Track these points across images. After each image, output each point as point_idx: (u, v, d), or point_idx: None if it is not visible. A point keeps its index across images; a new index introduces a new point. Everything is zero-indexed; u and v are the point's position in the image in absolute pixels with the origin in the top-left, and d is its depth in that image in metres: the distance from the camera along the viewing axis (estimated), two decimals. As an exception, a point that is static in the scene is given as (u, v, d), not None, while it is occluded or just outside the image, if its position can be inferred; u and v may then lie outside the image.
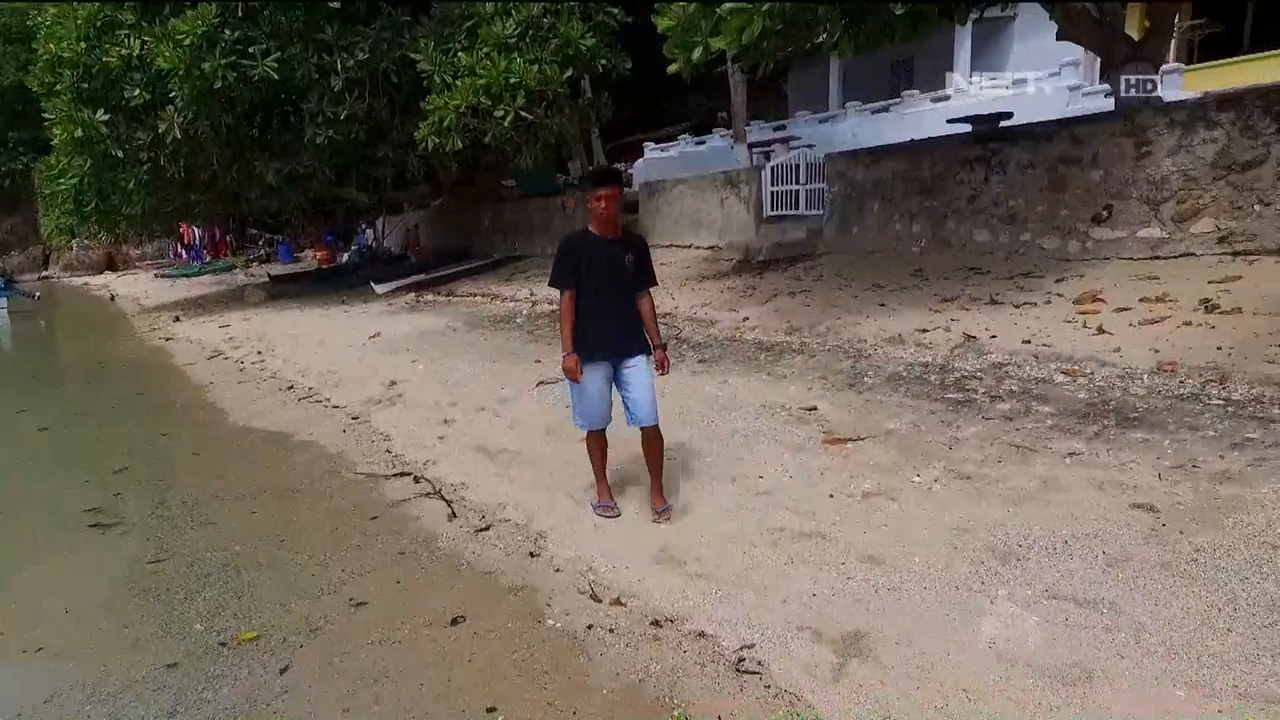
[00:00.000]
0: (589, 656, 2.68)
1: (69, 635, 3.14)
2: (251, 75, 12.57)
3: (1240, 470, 3.52)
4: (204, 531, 4.11)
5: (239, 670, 2.77)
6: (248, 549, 3.82)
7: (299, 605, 3.21)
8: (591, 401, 3.61)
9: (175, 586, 3.47)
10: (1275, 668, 2.25)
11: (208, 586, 3.45)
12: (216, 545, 3.89)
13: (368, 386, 7.20)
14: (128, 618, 3.23)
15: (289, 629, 3.02)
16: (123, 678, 2.77)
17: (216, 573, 3.58)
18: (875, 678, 2.40)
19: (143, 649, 2.97)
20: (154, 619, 3.20)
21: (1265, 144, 6.94)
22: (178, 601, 3.33)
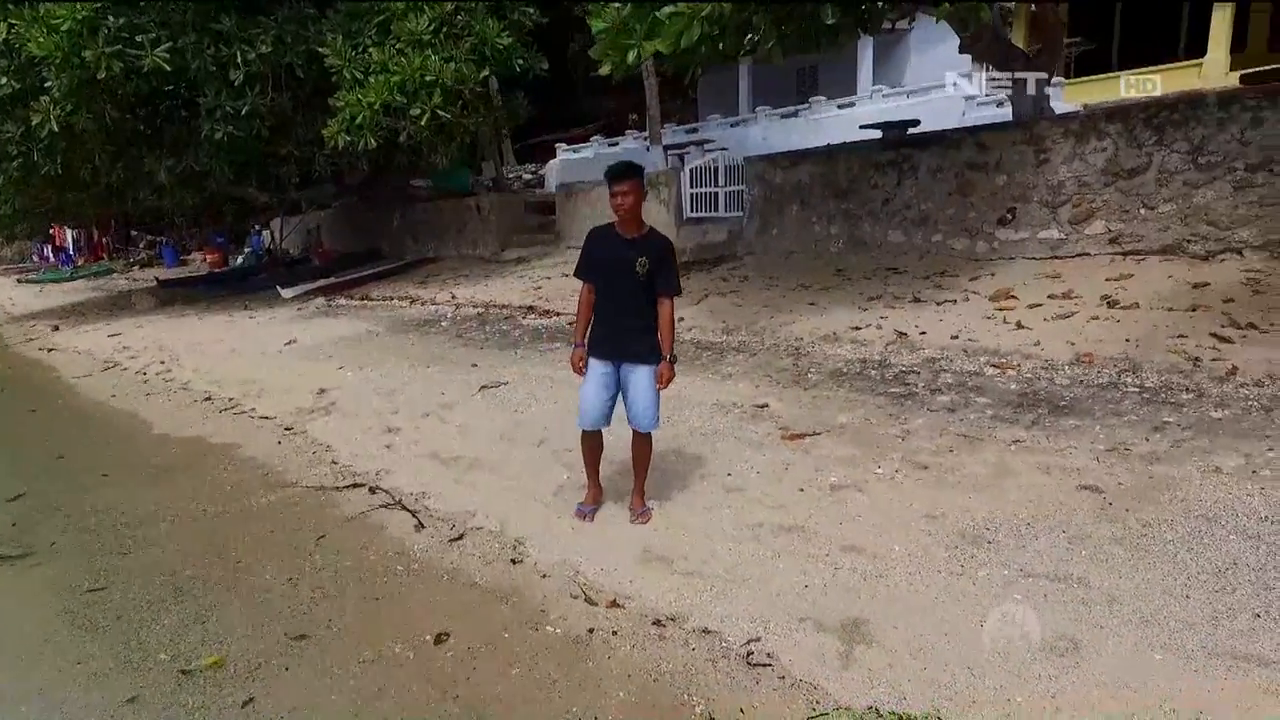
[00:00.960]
0: (596, 661, 2.67)
1: (20, 676, 2.85)
2: (140, 66, 11.71)
3: (1166, 451, 3.86)
4: (146, 554, 3.82)
5: (213, 701, 2.60)
6: (201, 571, 3.58)
7: (270, 628, 3.04)
8: (586, 400, 3.56)
9: (127, 614, 3.21)
10: (1234, 627, 2.49)
11: (163, 612, 3.21)
12: (164, 568, 3.62)
13: (295, 396, 6.85)
14: (78, 652, 2.96)
15: (259, 654, 2.85)
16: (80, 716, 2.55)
17: (170, 598, 3.34)
18: (882, 661, 2.51)
19: (103, 683, 2.74)
20: (109, 651, 2.95)
21: (1148, 153, 7.61)
22: (132, 630, 3.09)
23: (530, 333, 8.77)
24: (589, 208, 15.05)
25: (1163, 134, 7.49)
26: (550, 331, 8.72)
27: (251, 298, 15.77)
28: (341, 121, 12.13)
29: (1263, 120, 6.91)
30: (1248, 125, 6.99)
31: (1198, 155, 7.28)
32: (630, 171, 3.41)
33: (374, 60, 12.06)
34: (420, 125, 11.91)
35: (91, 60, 11.28)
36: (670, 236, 3.73)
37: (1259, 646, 2.39)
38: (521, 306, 10.42)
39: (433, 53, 12.03)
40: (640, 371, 3.50)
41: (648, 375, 3.50)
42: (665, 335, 3.53)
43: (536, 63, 13.80)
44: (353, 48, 12.47)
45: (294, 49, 12.80)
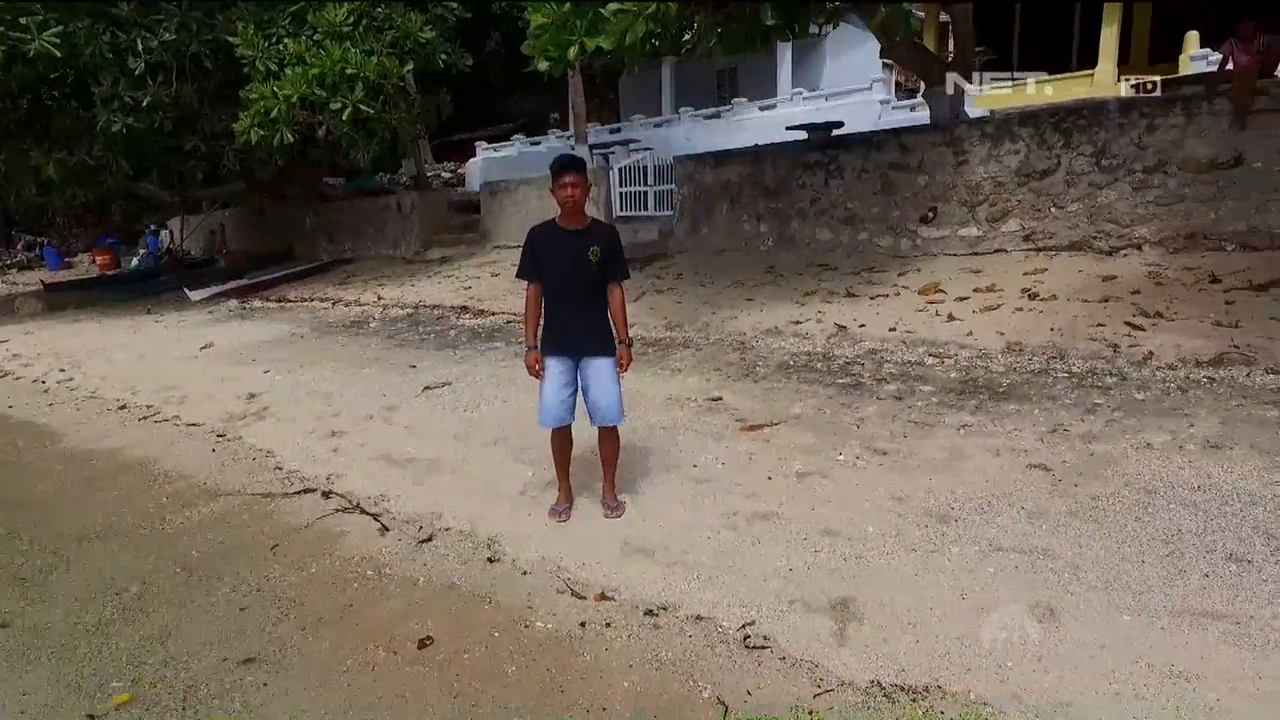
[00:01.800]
0: (594, 653, 2.65)
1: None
2: (26, 50, 10.84)
3: (1100, 431, 4.13)
4: (79, 574, 3.54)
5: (194, 721, 2.44)
6: (150, 588, 3.34)
7: (238, 644, 2.87)
8: (548, 399, 3.50)
9: (76, 641, 2.97)
10: (1187, 587, 2.69)
11: (115, 637, 2.98)
12: (107, 588, 3.36)
13: (221, 401, 6.49)
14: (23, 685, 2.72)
15: (232, 675, 2.69)
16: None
17: (119, 619, 3.10)
18: (876, 637, 2.59)
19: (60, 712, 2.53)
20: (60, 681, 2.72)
21: (1056, 156, 8.12)
22: (83, 659, 2.86)
23: (467, 333, 8.60)
24: (515, 207, 14.87)
25: (1070, 138, 8.01)
26: (488, 331, 8.57)
27: (154, 301, 14.84)
28: (254, 115, 11.54)
29: (1157, 126, 7.48)
30: (1144, 131, 7.56)
31: (1101, 158, 7.83)
32: (576, 163, 3.41)
33: (289, 52, 11.55)
34: (341, 120, 11.48)
35: (-31, 43, 10.39)
36: (603, 234, 3.68)
37: (1212, 602, 2.59)
38: (454, 307, 10.20)
39: (352, 45, 11.62)
40: (600, 364, 3.48)
41: (609, 367, 3.49)
42: (620, 320, 3.55)
43: (461, 59, 13.54)
44: (265, 38, 11.90)
45: (200, 37, 12.13)
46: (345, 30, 11.65)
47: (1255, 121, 6.91)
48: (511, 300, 10.05)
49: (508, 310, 9.36)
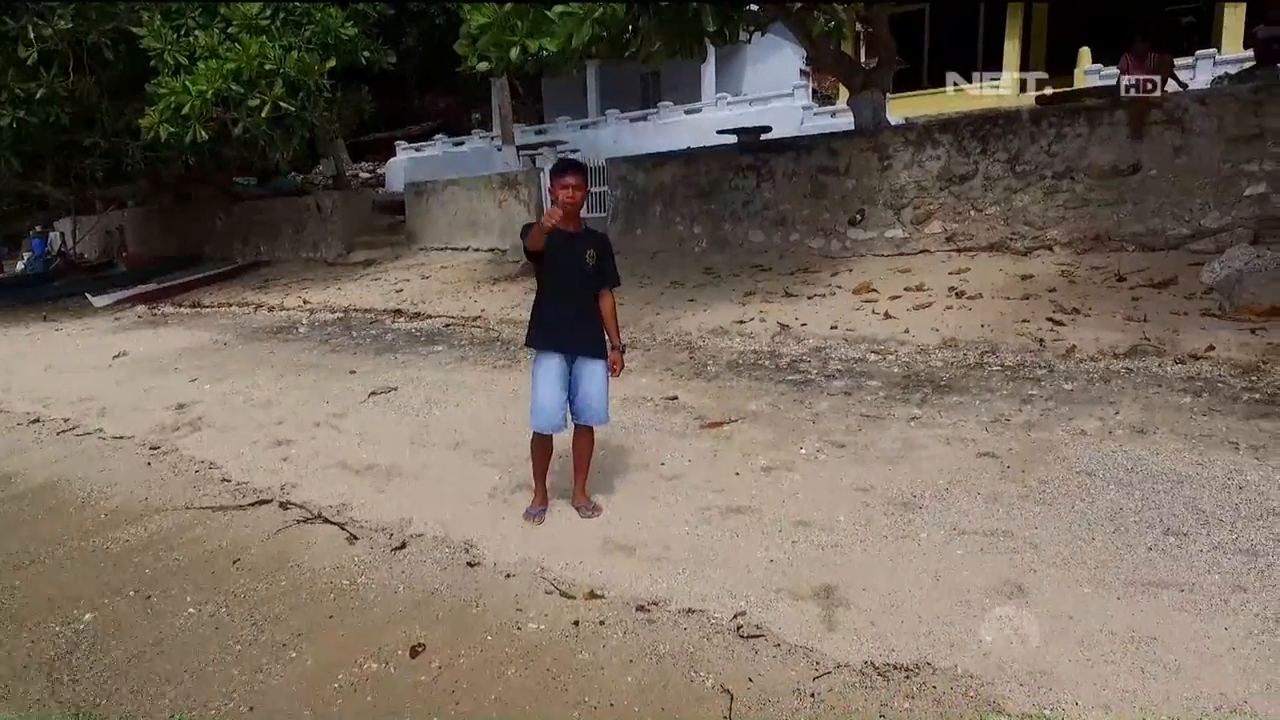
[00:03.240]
0: (592, 651, 2.67)
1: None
2: (-102, 36, 9.99)
3: (1037, 420, 4.43)
4: (22, 605, 3.30)
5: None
6: (106, 614, 3.15)
7: (213, 669, 2.75)
8: (545, 402, 3.45)
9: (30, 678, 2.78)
10: (1136, 560, 2.93)
11: (76, 669, 2.81)
12: (58, 617, 3.15)
13: (148, 413, 6.15)
14: None
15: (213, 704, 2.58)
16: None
17: (76, 650, 2.92)
18: (864, 620, 2.71)
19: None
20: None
21: (974, 161, 8.59)
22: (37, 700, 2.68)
23: (405, 336, 8.41)
24: (442, 208, 14.61)
25: (986, 145, 8.48)
26: (426, 334, 8.40)
27: (50, 308, 13.87)
28: (163, 111, 10.97)
29: (1064, 135, 8.02)
30: (1053, 139, 8.09)
31: (1015, 164, 8.32)
32: (578, 166, 3.43)
33: (200, 45, 11.02)
34: (259, 118, 11.03)
35: None
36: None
37: (1159, 573, 2.83)
38: (387, 310, 9.95)
39: (269, 40, 11.18)
40: (594, 365, 3.51)
41: (602, 369, 3.53)
42: (612, 326, 3.58)
43: (383, 56, 13.22)
44: (173, 30, 11.32)
45: (99, 26, 11.41)
46: (262, 24, 11.20)
47: (1150, 132, 7.50)
48: (448, 302, 9.90)
49: (446, 313, 9.21)
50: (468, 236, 13.92)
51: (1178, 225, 7.43)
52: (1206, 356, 5.09)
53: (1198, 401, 4.44)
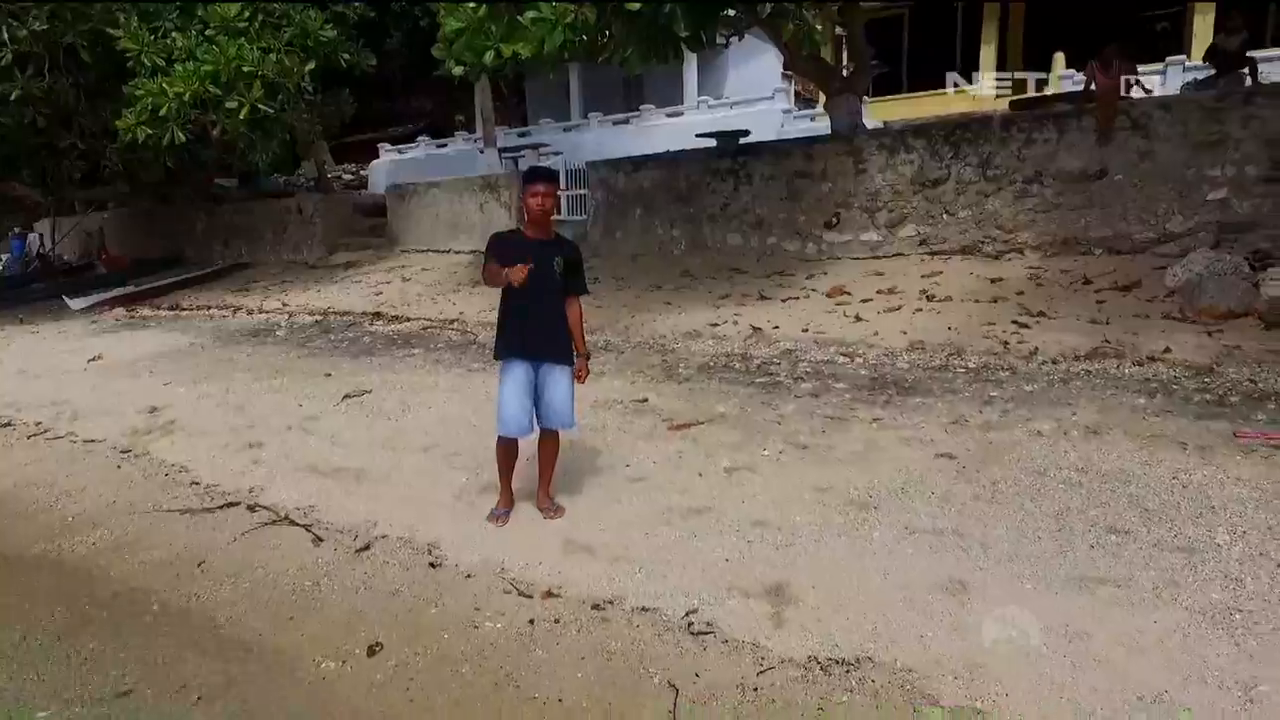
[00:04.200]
0: (546, 649, 2.73)
1: None
2: None
3: (997, 421, 4.52)
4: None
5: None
6: (73, 613, 3.18)
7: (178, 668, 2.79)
8: (510, 408, 3.50)
9: None
10: (1077, 557, 3.02)
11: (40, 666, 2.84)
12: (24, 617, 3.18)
13: (121, 416, 6.14)
14: None
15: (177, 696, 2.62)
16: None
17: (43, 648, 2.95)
18: (810, 618, 2.78)
19: None
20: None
21: (946, 166, 8.70)
22: None
23: (383, 340, 8.43)
24: (424, 210, 14.61)
25: (958, 150, 8.60)
26: (404, 338, 8.43)
27: (26, 310, 13.74)
28: (140, 112, 10.94)
29: (1034, 140, 8.14)
30: (1023, 144, 8.21)
31: (986, 168, 8.44)
32: (549, 174, 3.49)
33: (178, 47, 10.99)
34: (237, 120, 11.00)
35: None
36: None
37: (1098, 570, 2.92)
38: (366, 313, 9.95)
39: (247, 42, 11.15)
40: (559, 371, 3.57)
41: (567, 375, 3.59)
42: (578, 333, 3.64)
43: (364, 59, 13.21)
44: (150, 31, 11.27)
45: (75, 27, 11.34)
46: (240, 26, 11.17)
47: (1116, 138, 7.64)
48: (426, 306, 9.91)
49: (423, 316, 9.23)
50: (449, 239, 13.93)
51: (1143, 229, 7.57)
52: (1163, 359, 5.21)
53: (1151, 403, 4.54)
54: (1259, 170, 6.98)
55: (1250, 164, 7.02)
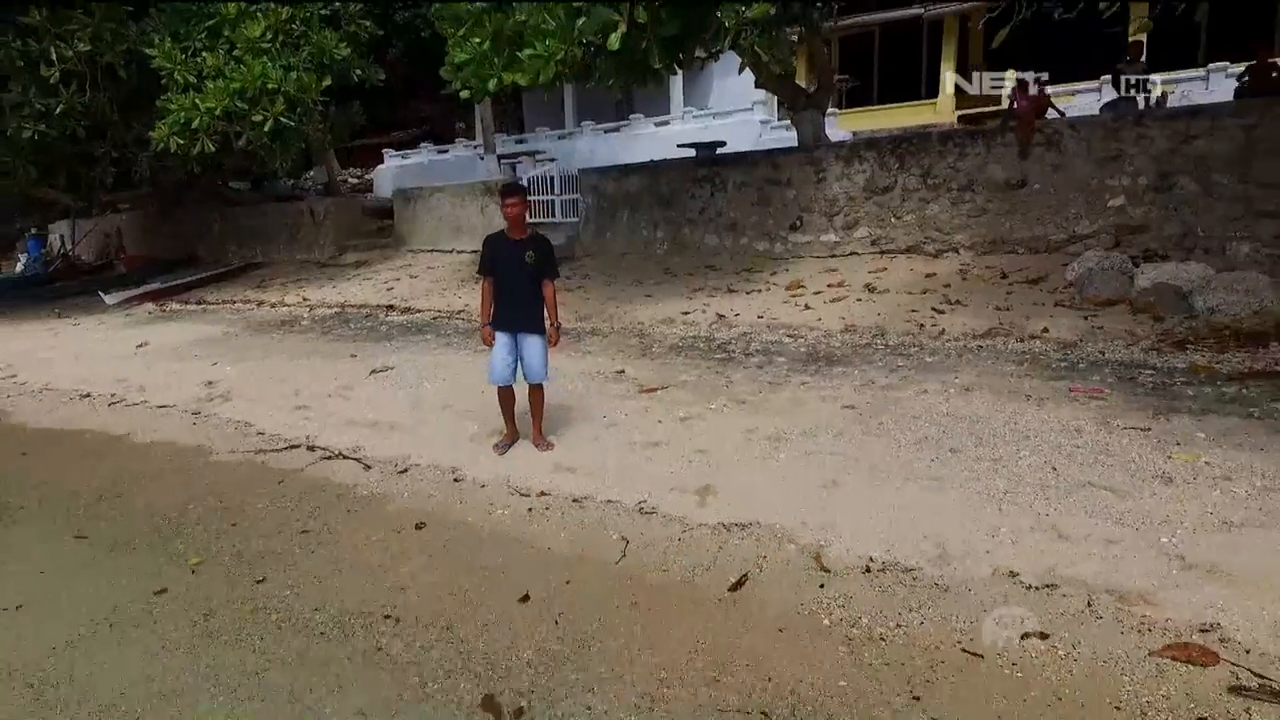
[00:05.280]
0: (541, 524, 3.91)
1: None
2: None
3: (897, 383, 5.71)
4: (140, 502, 4.50)
5: (236, 582, 3.55)
6: (200, 507, 4.36)
7: (280, 535, 3.96)
8: (496, 364, 4.70)
9: (156, 536, 3.99)
10: (922, 466, 4.19)
11: (187, 533, 4.02)
12: (167, 510, 4.36)
13: (181, 389, 7.31)
14: (126, 564, 3.73)
15: (290, 543, 3.80)
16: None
17: (187, 526, 4.13)
18: (723, 503, 3.96)
19: (160, 574, 3.58)
20: (153, 561, 3.75)
21: (894, 175, 9.90)
22: (165, 544, 3.89)
23: (398, 328, 9.60)
24: (428, 213, 15.78)
25: (904, 161, 9.80)
26: (417, 326, 9.60)
27: (62, 305, 14.88)
28: (172, 124, 12.09)
29: (967, 154, 9.35)
30: (958, 157, 9.42)
31: (927, 178, 9.65)
32: (519, 189, 4.70)
33: (207, 65, 12.14)
34: (261, 131, 12.16)
35: None
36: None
37: (929, 472, 4.10)
38: (380, 305, 11.12)
39: (269, 60, 12.31)
40: (534, 339, 4.73)
41: (540, 342, 4.75)
42: (551, 309, 4.81)
43: (373, 74, 14.38)
44: (182, 51, 12.42)
45: (114, 48, 12.49)
46: (263, 46, 12.32)
47: (1034, 153, 8.85)
48: (435, 299, 11.09)
49: (433, 308, 10.40)
50: (452, 240, 15.10)
51: (1057, 231, 8.77)
52: (1041, 336, 6.41)
53: (1019, 369, 5.74)
54: (1148, 181, 8.19)
55: (1141, 176, 8.23)
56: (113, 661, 2.99)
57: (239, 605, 3.33)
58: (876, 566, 3.25)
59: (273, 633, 3.10)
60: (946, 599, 2.99)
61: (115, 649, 3.07)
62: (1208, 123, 7.89)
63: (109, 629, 3.22)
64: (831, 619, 2.94)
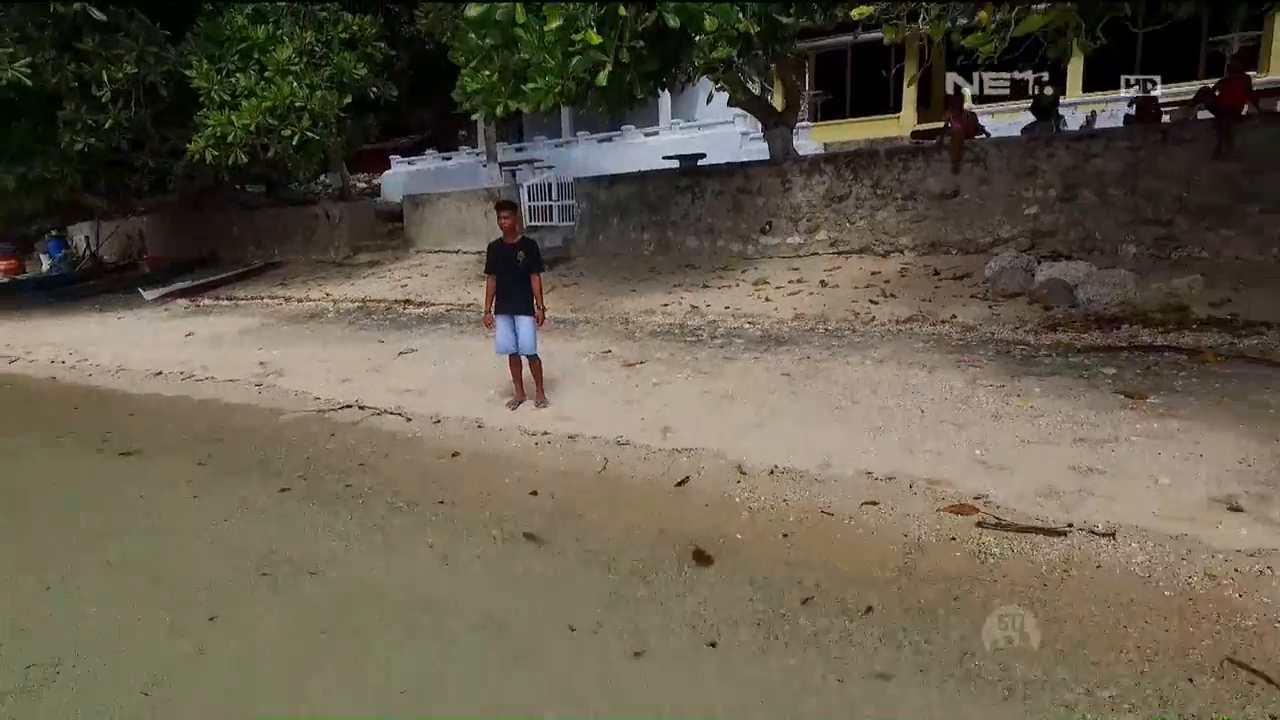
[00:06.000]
0: (544, 453, 5.36)
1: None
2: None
3: (828, 358, 7.15)
4: (232, 448, 5.93)
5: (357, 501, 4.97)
6: (285, 448, 5.79)
7: (351, 459, 5.39)
8: (499, 337, 6.15)
9: (254, 463, 5.42)
10: (825, 412, 5.63)
11: (279, 464, 5.45)
12: (262, 447, 5.79)
13: (240, 367, 8.72)
14: (227, 485, 5.16)
15: (357, 467, 5.24)
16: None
17: (276, 458, 5.55)
18: (680, 437, 5.40)
19: (254, 490, 5.00)
20: (249, 485, 5.18)
21: (849, 185, 11.35)
22: (264, 469, 5.32)
23: (416, 319, 11.03)
24: (436, 216, 17.19)
25: (857, 174, 11.26)
26: (434, 317, 11.02)
27: (99, 301, 16.26)
28: (208, 138, 13.48)
29: (910, 168, 10.80)
30: (903, 170, 10.87)
31: (877, 188, 11.10)
32: (511, 205, 6.15)
33: (241, 85, 13.55)
34: (289, 144, 13.57)
35: (-53, 71, 11.90)
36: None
37: (833, 418, 5.53)
38: (397, 300, 12.54)
39: (296, 80, 13.72)
40: (525, 320, 6.17)
41: (530, 321, 6.18)
42: (538, 297, 6.24)
43: (387, 91, 15.80)
44: (218, 72, 13.82)
45: (156, 69, 13.87)
46: (291, 68, 13.73)
47: (965, 168, 10.30)
48: (447, 294, 12.51)
49: (446, 302, 11.82)
50: (457, 241, 16.51)
51: (984, 235, 10.24)
52: (949, 321, 7.86)
53: (925, 346, 7.19)
54: (1056, 193, 9.66)
55: (1051, 188, 9.70)
56: (255, 530, 4.42)
57: (339, 493, 4.77)
58: (779, 471, 4.70)
59: (363, 508, 4.54)
60: (819, 487, 4.44)
61: (257, 522, 4.51)
62: (1103, 144, 9.36)
63: (248, 510, 4.65)
64: (741, 500, 4.39)
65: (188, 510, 4.77)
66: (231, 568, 3.96)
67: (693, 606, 3.36)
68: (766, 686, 2.82)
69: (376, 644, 3.22)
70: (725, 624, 3.21)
